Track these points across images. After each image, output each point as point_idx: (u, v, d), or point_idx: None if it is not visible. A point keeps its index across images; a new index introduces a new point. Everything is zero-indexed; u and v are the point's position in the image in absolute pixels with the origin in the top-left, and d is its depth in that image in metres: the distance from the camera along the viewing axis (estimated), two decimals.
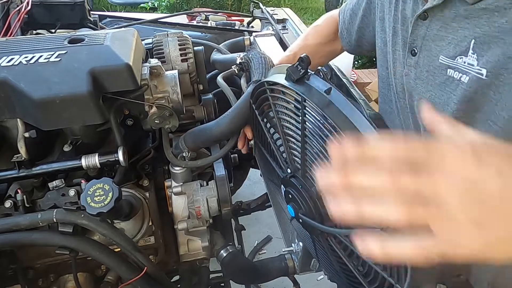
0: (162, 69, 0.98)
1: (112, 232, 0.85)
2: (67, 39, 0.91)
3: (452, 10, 0.71)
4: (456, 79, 0.71)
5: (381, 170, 0.37)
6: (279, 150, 0.82)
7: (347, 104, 0.60)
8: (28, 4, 1.45)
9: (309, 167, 0.70)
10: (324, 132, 0.62)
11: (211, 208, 1.00)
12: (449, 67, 0.73)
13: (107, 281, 0.98)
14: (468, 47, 0.68)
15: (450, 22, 0.72)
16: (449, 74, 0.73)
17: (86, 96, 0.79)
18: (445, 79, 0.74)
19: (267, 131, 0.84)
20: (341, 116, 0.59)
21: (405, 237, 0.38)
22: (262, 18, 1.94)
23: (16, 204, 0.88)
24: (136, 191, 0.99)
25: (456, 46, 0.71)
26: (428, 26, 0.76)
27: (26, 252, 0.93)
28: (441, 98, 0.75)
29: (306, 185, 0.72)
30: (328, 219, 0.69)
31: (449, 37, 0.72)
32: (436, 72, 0.76)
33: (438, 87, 0.76)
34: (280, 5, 5.32)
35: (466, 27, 0.69)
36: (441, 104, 0.75)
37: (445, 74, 0.74)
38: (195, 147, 0.97)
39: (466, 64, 0.69)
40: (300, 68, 0.66)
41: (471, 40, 0.68)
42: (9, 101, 0.80)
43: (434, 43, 0.76)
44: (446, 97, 0.74)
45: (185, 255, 1.04)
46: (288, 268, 1.13)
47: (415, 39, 0.79)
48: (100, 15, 1.83)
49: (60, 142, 1.00)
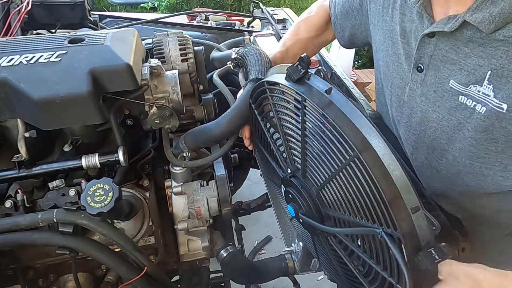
0: (162, 69, 0.98)
1: (112, 232, 0.85)
2: (67, 39, 0.91)
3: (465, 34, 0.68)
4: (470, 107, 0.70)
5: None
6: (279, 150, 0.82)
7: (348, 104, 0.60)
8: (28, 4, 1.45)
9: (310, 167, 0.70)
10: (324, 132, 0.62)
11: (211, 208, 1.00)
12: (461, 93, 0.71)
13: (107, 281, 0.98)
14: (484, 77, 0.67)
15: (461, 46, 0.70)
16: (461, 100, 0.71)
17: (86, 96, 0.79)
18: (456, 104, 0.73)
19: (267, 131, 0.84)
20: (341, 115, 0.58)
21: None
22: (262, 18, 1.94)
23: (16, 204, 0.88)
24: (136, 191, 0.99)
25: (469, 74, 0.69)
26: (435, 45, 0.74)
27: (26, 252, 0.93)
28: (450, 122, 0.74)
29: (306, 185, 0.72)
30: (328, 218, 0.69)
31: (461, 62, 0.70)
32: (445, 96, 0.74)
33: (447, 111, 0.75)
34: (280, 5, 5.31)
35: (480, 56, 0.67)
36: (450, 128, 0.75)
37: (456, 100, 0.72)
38: (195, 147, 0.97)
39: (480, 93, 0.68)
40: (300, 68, 0.66)
41: (487, 71, 0.66)
42: (9, 101, 0.80)
43: (443, 65, 0.74)
44: (457, 122, 0.73)
45: (185, 255, 1.04)
46: (288, 268, 1.13)
47: (422, 56, 0.77)
48: (100, 15, 1.83)
49: (60, 142, 1.00)
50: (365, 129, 0.57)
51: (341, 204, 0.64)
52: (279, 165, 0.83)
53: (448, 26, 0.69)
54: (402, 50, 0.84)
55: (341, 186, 0.62)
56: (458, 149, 0.75)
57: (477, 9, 0.64)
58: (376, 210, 0.57)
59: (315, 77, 0.66)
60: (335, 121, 0.58)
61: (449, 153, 0.78)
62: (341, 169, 0.60)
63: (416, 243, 0.56)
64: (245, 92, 0.90)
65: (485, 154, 0.71)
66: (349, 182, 0.60)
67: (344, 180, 0.61)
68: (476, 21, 0.64)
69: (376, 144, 0.56)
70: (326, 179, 0.65)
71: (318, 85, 0.64)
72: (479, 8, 0.64)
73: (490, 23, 0.63)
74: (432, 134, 0.80)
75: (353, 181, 0.59)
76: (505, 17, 0.61)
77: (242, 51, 1.02)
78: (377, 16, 0.93)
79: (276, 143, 0.83)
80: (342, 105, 0.60)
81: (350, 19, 1.07)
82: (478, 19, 0.64)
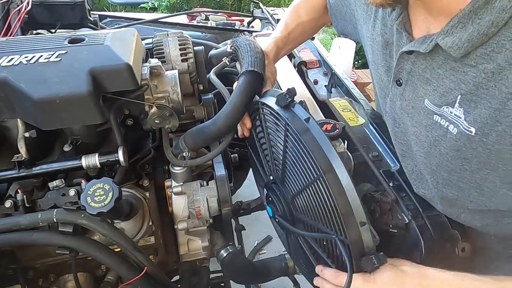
0: (162, 69, 0.98)
1: (112, 232, 0.85)
2: (67, 39, 0.91)
3: (440, 56, 0.68)
4: (444, 127, 0.71)
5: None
6: (266, 157, 0.92)
7: (321, 133, 0.72)
8: (28, 4, 1.45)
9: (287, 178, 0.82)
10: (300, 152, 0.74)
11: (211, 208, 1.00)
12: (435, 113, 0.72)
13: (107, 281, 0.98)
14: (455, 100, 0.67)
15: (436, 67, 0.70)
16: (435, 119, 0.72)
17: (86, 96, 0.78)
18: (431, 123, 0.73)
19: (258, 140, 0.92)
20: (314, 142, 0.71)
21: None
22: (262, 18, 1.94)
23: (16, 204, 0.88)
24: (136, 191, 0.98)
25: (442, 96, 0.69)
26: (413, 63, 0.74)
27: (26, 252, 0.93)
28: (427, 138, 0.75)
29: (283, 192, 0.85)
30: (299, 222, 0.83)
31: (434, 83, 0.71)
32: (421, 113, 0.75)
33: (424, 128, 0.75)
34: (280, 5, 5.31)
35: (451, 79, 0.67)
36: (427, 143, 0.76)
37: (431, 118, 0.73)
38: (195, 147, 0.97)
39: (453, 114, 0.68)
40: (288, 97, 0.77)
41: (458, 95, 0.66)
42: (9, 101, 0.80)
43: (419, 83, 0.74)
44: (433, 139, 0.74)
45: (185, 255, 1.04)
46: (288, 268, 1.13)
47: (401, 71, 0.77)
48: (100, 15, 1.83)
49: (60, 142, 1.00)
50: (331, 155, 0.70)
51: (309, 211, 0.78)
52: (264, 170, 0.95)
53: (423, 47, 0.69)
54: (383, 61, 0.83)
55: (310, 197, 0.75)
56: (436, 164, 0.76)
57: (448, 33, 0.64)
58: (333, 220, 0.71)
59: (299, 107, 0.78)
60: (308, 145, 0.71)
61: (427, 166, 0.79)
62: (310, 184, 0.73)
63: (361, 250, 0.70)
64: (239, 87, 0.89)
65: (460, 170, 0.71)
66: (315, 195, 0.73)
67: (313, 192, 0.74)
68: (446, 46, 0.64)
69: (337, 168, 0.69)
70: (299, 190, 0.78)
71: (300, 113, 0.76)
72: (450, 32, 0.63)
73: (460, 48, 0.62)
74: (414, 146, 0.81)
75: (318, 195, 0.72)
76: (474, 42, 0.61)
77: (234, 45, 1.01)
78: (362, 22, 0.92)
79: (264, 152, 0.93)
80: (316, 133, 0.72)
81: (341, 13, 1.07)
82: (449, 43, 0.64)
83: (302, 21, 1.13)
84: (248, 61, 0.92)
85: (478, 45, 0.61)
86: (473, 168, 0.69)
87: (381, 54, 0.83)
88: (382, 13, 0.82)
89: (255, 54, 0.93)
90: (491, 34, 0.59)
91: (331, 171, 0.69)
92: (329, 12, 1.13)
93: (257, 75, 0.89)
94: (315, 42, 1.60)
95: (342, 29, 1.12)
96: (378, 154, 0.97)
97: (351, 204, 0.68)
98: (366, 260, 0.69)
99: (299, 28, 1.13)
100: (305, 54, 1.44)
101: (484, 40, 0.60)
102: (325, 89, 1.28)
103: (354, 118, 1.11)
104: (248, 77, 0.89)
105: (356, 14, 0.98)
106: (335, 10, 1.09)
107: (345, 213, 0.68)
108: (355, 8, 0.97)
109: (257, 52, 0.94)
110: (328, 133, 0.90)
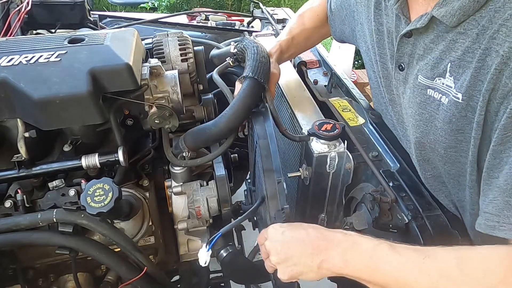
0: (162, 69, 0.98)
1: (112, 232, 0.85)
2: (67, 39, 0.91)
3: (434, 31, 0.72)
4: (437, 100, 0.73)
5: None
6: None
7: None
8: (28, 4, 1.45)
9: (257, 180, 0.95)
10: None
11: (211, 208, 1.00)
12: (428, 87, 0.74)
13: (107, 281, 0.98)
14: (446, 70, 0.70)
15: (429, 42, 0.73)
16: (429, 93, 0.74)
17: (86, 96, 0.78)
18: (425, 98, 0.75)
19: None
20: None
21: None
22: (262, 18, 1.93)
23: (16, 204, 0.88)
24: (136, 191, 0.99)
25: (433, 68, 0.72)
26: (413, 44, 0.77)
27: (26, 252, 0.93)
28: (422, 116, 0.77)
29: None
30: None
31: (427, 57, 0.74)
32: (415, 91, 0.77)
33: (418, 106, 0.77)
34: (280, 5, 5.31)
35: (441, 49, 0.70)
36: (423, 121, 0.77)
37: (425, 94, 0.75)
38: (195, 147, 0.97)
39: (444, 85, 0.70)
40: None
41: (448, 64, 0.69)
42: (9, 101, 0.80)
43: (416, 62, 0.77)
44: (428, 115, 0.75)
45: (185, 255, 1.04)
46: None
47: (402, 56, 0.80)
48: (100, 15, 1.83)
49: (60, 142, 1.00)
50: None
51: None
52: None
53: (419, 23, 0.73)
54: (387, 50, 0.86)
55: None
56: (433, 141, 0.77)
57: (443, 4, 0.68)
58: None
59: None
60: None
61: (426, 145, 0.80)
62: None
63: (275, 204, 0.81)
64: (243, 90, 0.91)
65: (456, 144, 0.72)
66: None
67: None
68: (440, 15, 0.68)
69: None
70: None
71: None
72: (444, 3, 0.67)
73: (453, 16, 0.66)
74: (411, 128, 0.82)
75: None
76: (466, 10, 0.64)
77: (241, 45, 1.02)
78: (364, 17, 0.94)
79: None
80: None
81: (341, 17, 1.09)
82: (442, 13, 0.67)
83: (306, 28, 1.18)
84: (250, 64, 0.93)
85: (471, 13, 0.64)
86: (467, 138, 0.69)
87: (386, 43, 0.86)
88: (384, 4, 0.85)
89: (261, 59, 0.95)
90: (482, 1, 0.62)
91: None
92: (329, 20, 1.16)
93: (258, 83, 0.92)
94: None
95: (340, 34, 1.14)
96: (378, 154, 0.96)
97: (273, 164, 0.82)
98: (277, 214, 0.78)
99: (303, 34, 1.17)
100: (305, 54, 1.44)
101: (476, 8, 0.63)
102: (325, 89, 1.28)
103: (354, 118, 1.10)
104: (252, 83, 0.91)
105: (355, 15, 0.99)
106: (335, 15, 1.12)
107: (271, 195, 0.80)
108: (355, 8, 0.99)
109: (263, 56, 0.96)
110: (328, 133, 0.90)
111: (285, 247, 0.70)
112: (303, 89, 1.22)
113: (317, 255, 0.66)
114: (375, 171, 0.90)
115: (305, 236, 0.69)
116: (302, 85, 1.24)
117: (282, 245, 0.71)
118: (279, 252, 0.71)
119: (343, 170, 0.91)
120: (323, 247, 0.67)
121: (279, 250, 0.71)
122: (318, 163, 0.89)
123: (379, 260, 0.62)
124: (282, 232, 0.72)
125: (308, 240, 0.68)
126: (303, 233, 0.70)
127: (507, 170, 0.59)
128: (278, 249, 0.71)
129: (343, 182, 0.93)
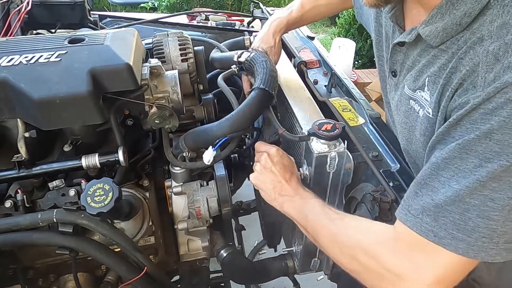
0: (162, 69, 0.98)
1: (112, 232, 0.85)
2: (67, 39, 0.91)
3: (421, 45, 0.73)
4: (416, 111, 0.74)
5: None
6: None
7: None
8: (28, 4, 1.45)
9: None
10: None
11: (211, 208, 1.00)
12: (410, 98, 0.76)
13: (107, 281, 0.98)
14: (424, 84, 0.71)
15: (416, 55, 0.74)
16: (411, 104, 0.76)
17: (86, 96, 0.78)
18: (408, 108, 0.77)
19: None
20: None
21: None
22: (262, 18, 1.93)
23: (16, 204, 0.88)
24: (136, 191, 0.99)
25: (415, 80, 0.74)
26: (405, 54, 0.78)
27: (26, 252, 0.93)
28: (406, 125, 0.78)
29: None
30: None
31: (413, 68, 0.75)
32: (402, 100, 0.79)
33: (403, 114, 0.79)
34: (280, 5, 5.31)
35: (424, 63, 0.72)
36: (407, 130, 0.79)
37: (408, 104, 0.77)
38: (195, 147, 0.97)
39: (423, 98, 0.71)
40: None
41: (426, 78, 0.70)
42: (9, 101, 0.80)
43: (406, 72, 0.78)
44: (410, 125, 0.77)
45: (185, 255, 1.04)
46: (288, 268, 1.13)
47: (395, 63, 0.82)
48: (100, 15, 1.83)
49: (60, 142, 1.00)
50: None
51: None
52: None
53: (408, 38, 0.74)
54: (384, 53, 0.87)
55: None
56: (415, 150, 0.78)
57: (429, 22, 0.68)
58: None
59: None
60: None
61: (410, 153, 0.82)
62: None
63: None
64: (251, 97, 0.92)
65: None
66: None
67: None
68: (425, 34, 0.68)
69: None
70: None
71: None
72: (430, 22, 0.67)
73: (436, 37, 0.67)
74: (399, 135, 0.84)
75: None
76: (448, 32, 0.65)
77: (249, 57, 1.02)
78: (370, 12, 0.95)
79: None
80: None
81: (359, 2, 1.10)
82: (426, 32, 0.68)
83: (319, 4, 1.20)
84: (261, 77, 0.95)
85: (453, 35, 0.65)
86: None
87: (384, 46, 0.87)
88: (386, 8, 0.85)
89: (270, 73, 0.97)
90: (464, 24, 0.62)
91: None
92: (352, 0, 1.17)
93: (269, 94, 0.94)
94: (315, 42, 1.60)
95: (361, 17, 1.15)
96: (378, 154, 0.97)
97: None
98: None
99: (314, 11, 1.20)
100: (305, 54, 1.44)
101: (458, 30, 0.64)
102: (325, 89, 1.28)
103: (354, 118, 1.10)
104: (262, 93, 0.92)
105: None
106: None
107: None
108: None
109: (272, 70, 0.98)
110: (328, 133, 0.90)
111: (266, 176, 0.91)
112: (303, 89, 1.22)
113: (276, 195, 0.89)
114: (375, 171, 0.90)
115: (277, 182, 0.89)
116: (302, 85, 1.24)
117: (265, 174, 0.91)
118: (261, 173, 0.92)
119: (343, 170, 0.91)
120: (280, 193, 0.88)
121: (262, 173, 0.92)
122: (318, 163, 0.89)
123: (305, 212, 0.82)
124: (272, 166, 0.90)
125: (278, 186, 0.89)
126: (279, 179, 0.89)
127: (425, 167, 0.65)
128: (262, 172, 0.92)
129: (343, 182, 0.94)
